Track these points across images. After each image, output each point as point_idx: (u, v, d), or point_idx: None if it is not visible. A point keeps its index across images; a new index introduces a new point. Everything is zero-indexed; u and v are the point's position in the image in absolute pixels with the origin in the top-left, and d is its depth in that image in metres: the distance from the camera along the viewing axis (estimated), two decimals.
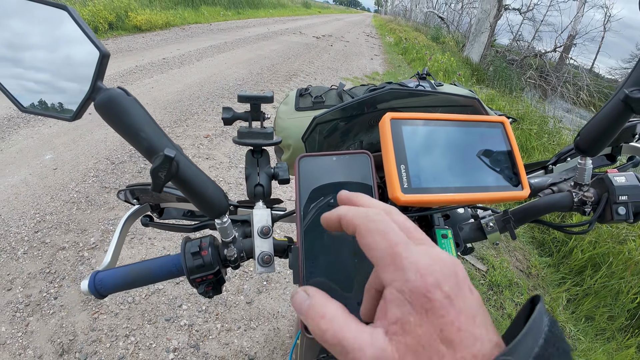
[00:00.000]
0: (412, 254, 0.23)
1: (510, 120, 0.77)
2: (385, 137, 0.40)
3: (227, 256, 0.50)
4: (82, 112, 0.38)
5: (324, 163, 0.39)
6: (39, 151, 2.93)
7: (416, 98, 0.56)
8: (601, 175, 0.58)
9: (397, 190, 0.38)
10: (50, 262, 1.96)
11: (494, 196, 0.42)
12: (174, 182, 0.39)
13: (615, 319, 2.25)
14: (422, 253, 0.23)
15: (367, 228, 0.25)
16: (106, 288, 0.50)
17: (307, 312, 0.25)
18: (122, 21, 7.90)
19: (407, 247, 0.23)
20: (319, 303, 0.26)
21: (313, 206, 0.37)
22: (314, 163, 0.39)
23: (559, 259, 2.71)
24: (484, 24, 11.12)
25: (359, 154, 0.39)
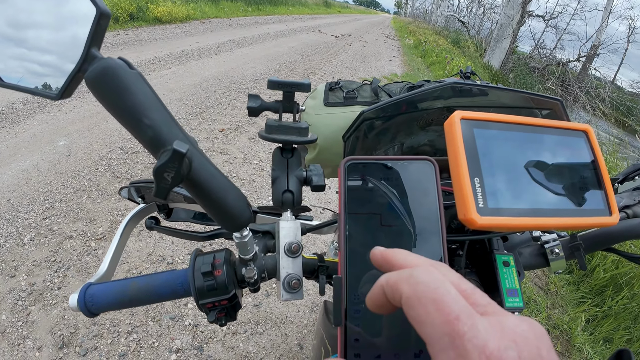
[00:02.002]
0: (478, 331, 0.16)
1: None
2: (455, 141, 0.32)
3: (246, 277, 0.41)
4: (71, 88, 0.30)
5: (376, 169, 0.31)
6: (53, 137, 2.91)
7: (474, 98, 0.47)
8: None
9: (471, 210, 0.30)
10: (56, 251, 1.93)
11: (581, 222, 0.33)
12: (184, 185, 0.30)
13: (633, 342, 2.13)
14: (491, 328, 0.16)
15: (415, 294, 0.18)
16: (98, 306, 0.41)
17: None
18: (143, 12, 7.92)
19: (470, 321, 0.16)
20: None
21: (359, 223, 0.29)
22: (362, 168, 0.31)
23: (580, 277, 2.59)
24: (507, 30, 10.88)
25: (421, 161, 0.31)
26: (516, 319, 0.18)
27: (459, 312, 0.17)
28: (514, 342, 0.16)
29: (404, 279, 0.20)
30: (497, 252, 0.46)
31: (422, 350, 0.26)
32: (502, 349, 0.16)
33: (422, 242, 0.29)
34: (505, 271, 0.44)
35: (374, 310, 0.23)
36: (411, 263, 0.22)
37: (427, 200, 0.30)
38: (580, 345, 2.06)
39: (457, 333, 0.16)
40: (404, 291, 0.19)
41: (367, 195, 0.30)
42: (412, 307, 0.19)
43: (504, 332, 0.17)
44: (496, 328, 0.17)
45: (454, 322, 0.17)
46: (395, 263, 0.22)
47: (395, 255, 0.23)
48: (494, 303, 0.19)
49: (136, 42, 6.22)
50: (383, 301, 0.21)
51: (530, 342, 0.17)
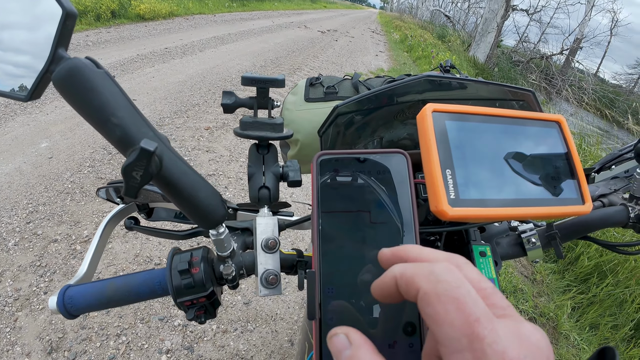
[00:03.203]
0: (499, 336, 0.16)
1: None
2: (427, 134, 0.32)
3: (224, 274, 0.41)
4: (40, 89, 0.29)
5: (349, 163, 0.31)
6: (35, 139, 2.85)
7: (452, 91, 0.47)
8: None
9: (442, 202, 0.30)
10: (41, 255, 1.89)
11: (554, 211, 0.34)
12: (156, 183, 0.30)
13: (619, 328, 2.19)
14: (510, 335, 0.16)
15: (435, 291, 0.18)
16: (77, 307, 0.41)
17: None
18: (125, 9, 7.78)
19: (491, 325, 0.16)
20: (364, 358, 0.20)
21: (334, 217, 0.29)
22: (335, 163, 0.31)
23: (565, 265, 2.64)
24: (491, 24, 10.98)
25: (393, 154, 0.31)
26: (531, 327, 0.17)
27: (480, 315, 0.17)
28: (531, 351, 0.16)
29: (423, 275, 0.19)
30: (474, 242, 0.46)
31: (396, 341, 0.26)
32: (521, 358, 0.16)
33: (396, 234, 0.29)
34: (482, 261, 0.45)
35: (378, 298, 0.22)
36: (428, 257, 0.21)
37: (401, 193, 0.30)
38: (566, 332, 2.11)
39: (477, 336, 0.16)
40: (422, 287, 0.19)
41: (340, 190, 0.30)
42: (431, 305, 0.18)
43: (521, 340, 0.17)
44: (514, 335, 0.17)
45: (474, 325, 0.16)
46: (409, 257, 0.22)
47: (409, 250, 0.22)
48: (511, 306, 0.19)
49: (118, 40, 6.11)
50: (392, 291, 0.21)
51: (543, 352, 0.17)
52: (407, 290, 0.20)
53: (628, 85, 17.85)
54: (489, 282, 0.19)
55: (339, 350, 0.21)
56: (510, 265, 2.49)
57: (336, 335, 0.22)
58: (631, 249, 0.53)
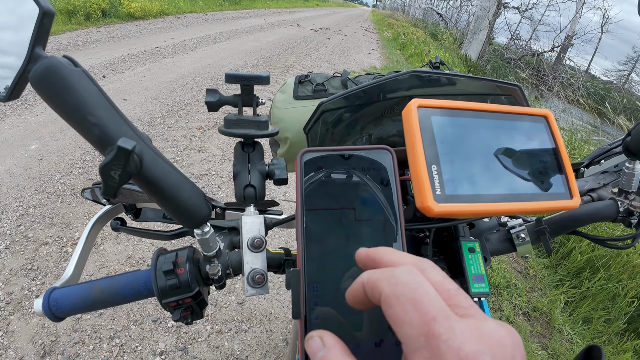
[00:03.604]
0: (455, 333, 0.16)
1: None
2: (412, 129, 0.32)
3: (210, 274, 0.41)
4: (18, 89, 0.29)
5: (334, 160, 0.30)
6: (25, 140, 2.82)
7: (441, 87, 0.47)
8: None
9: (428, 198, 0.30)
10: (32, 258, 1.87)
11: (542, 206, 0.34)
12: (137, 183, 0.30)
13: (612, 322, 2.21)
14: (468, 332, 0.16)
15: (394, 294, 0.18)
16: (62, 310, 0.41)
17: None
18: (116, 8, 7.70)
19: (448, 323, 0.17)
20: (334, 358, 0.21)
21: (319, 215, 0.29)
22: (320, 160, 0.30)
23: (557, 260, 2.66)
24: (483, 22, 11.04)
25: (378, 150, 0.31)
26: (495, 325, 0.18)
27: (436, 313, 0.17)
28: (490, 347, 0.16)
29: (384, 278, 0.20)
30: (463, 238, 0.46)
31: (383, 340, 0.26)
32: (477, 353, 0.16)
33: (381, 232, 0.29)
34: (471, 257, 0.45)
35: (353, 306, 0.23)
36: (396, 261, 0.22)
37: (387, 190, 0.30)
38: (560, 326, 2.13)
39: (433, 334, 0.17)
40: (383, 290, 0.19)
41: (325, 187, 0.30)
42: (391, 306, 0.19)
43: (481, 337, 0.17)
44: (474, 332, 0.17)
45: (430, 323, 0.17)
46: (380, 261, 0.22)
47: (380, 254, 0.23)
48: (475, 306, 0.19)
49: (109, 39, 6.05)
50: (362, 298, 0.21)
51: (507, 349, 0.17)
52: (373, 295, 0.20)
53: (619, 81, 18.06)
54: (452, 284, 0.20)
55: (314, 352, 0.22)
56: (504, 260, 2.51)
57: (311, 338, 0.23)
58: (621, 243, 0.54)
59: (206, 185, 2.61)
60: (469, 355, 0.16)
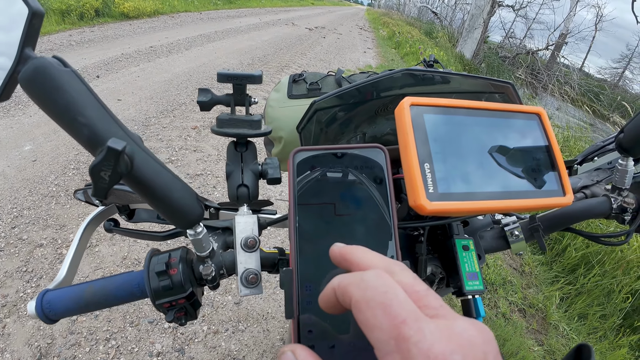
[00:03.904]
0: (424, 335, 0.16)
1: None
2: (404, 127, 0.32)
3: (203, 274, 0.41)
4: (8, 90, 0.29)
5: (326, 159, 0.30)
6: (18, 142, 2.79)
7: (435, 86, 0.47)
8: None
9: (421, 196, 0.29)
10: (27, 260, 1.86)
11: (535, 203, 0.34)
12: (128, 183, 0.30)
13: (607, 318, 2.23)
14: (438, 332, 0.16)
15: (364, 298, 0.18)
16: (56, 312, 0.40)
17: None
18: (109, 8, 7.64)
19: (417, 326, 0.17)
20: None
21: (312, 213, 0.29)
22: (313, 159, 0.30)
23: (552, 257, 2.68)
24: (477, 20, 11.07)
25: (371, 149, 0.31)
26: (466, 323, 0.18)
27: (406, 316, 0.17)
28: (460, 346, 0.16)
29: (354, 283, 0.20)
30: (457, 236, 0.46)
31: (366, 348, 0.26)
32: (447, 353, 0.16)
33: (374, 231, 0.29)
34: (465, 255, 0.45)
35: (326, 310, 0.23)
36: (367, 263, 0.22)
37: (380, 188, 0.30)
38: (555, 322, 2.14)
39: (403, 337, 0.17)
40: (353, 295, 0.19)
41: (317, 186, 0.29)
42: (361, 311, 0.19)
43: (451, 337, 0.17)
44: (444, 332, 0.17)
45: (400, 326, 0.17)
46: (352, 262, 0.22)
47: (353, 254, 0.23)
48: (446, 306, 0.19)
49: (102, 39, 6.01)
50: (334, 302, 0.21)
51: (477, 347, 0.17)
52: (344, 300, 0.20)
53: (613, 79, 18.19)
54: (422, 285, 0.20)
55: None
56: (499, 257, 2.52)
57: (283, 353, 0.22)
58: (614, 240, 0.54)
59: (202, 185, 2.60)
60: (439, 355, 0.16)
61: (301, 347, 0.22)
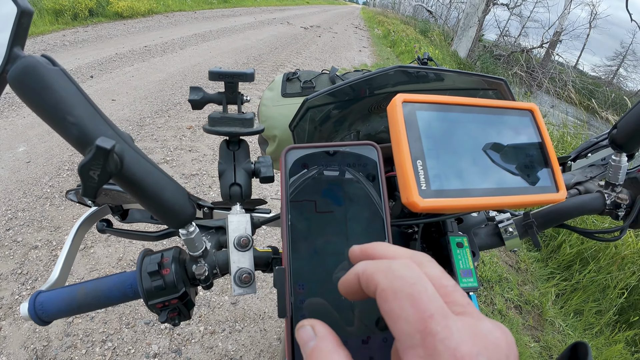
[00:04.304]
0: (452, 333, 0.16)
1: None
2: (397, 124, 0.31)
3: (196, 274, 0.41)
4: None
5: (319, 157, 0.30)
6: (12, 143, 2.77)
7: (429, 83, 0.47)
8: (634, 174, 0.51)
9: (413, 193, 0.29)
10: (22, 262, 1.84)
11: (528, 200, 0.34)
12: (118, 183, 0.30)
13: (603, 313, 2.24)
14: (465, 331, 0.16)
15: (391, 288, 0.18)
16: (48, 313, 0.40)
17: (311, 354, 0.21)
18: (103, 8, 7.59)
19: (444, 322, 0.16)
20: (326, 348, 0.21)
21: (304, 212, 0.29)
22: (305, 157, 0.30)
23: (548, 253, 2.69)
24: (472, 19, 11.10)
25: (363, 146, 0.30)
26: (491, 325, 0.17)
27: (434, 311, 0.17)
28: (486, 348, 0.16)
29: (381, 271, 0.19)
30: (451, 233, 0.46)
31: (370, 337, 0.26)
32: (473, 354, 0.16)
33: (368, 228, 0.29)
34: (459, 252, 0.45)
35: (345, 295, 0.22)
36: (392, 255, 0.21)
37: (373, 186, 0.30)
38: (551, 318, 2.15)
39: (430, 332, 0.16)
40: (379, 283, 0.19)
41: (310, 184, 0.29)
42: (387, 301, 0.18)
43: (477, 337, 0.16)
44: (470, 331, 0.16)
45: (427, 320, 0.16)
46: (375, 255, 0.22)
47: (375, 248, 0.22)
48: (472, 304, 0.19)
49: (96, 39, 5.97)
50: (356, 289, 0.21)
51: (501, 350, 0.16)
52: (368, 287, 0.20)
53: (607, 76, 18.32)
54: (450, 280, 0.19)
55: (305, 341, 0.22)
56: (495, 255, 2.53)
57: (302, 327, 0.22)
58: (609, 236, 0.54)
59: (197, 185, 2.60)
60: (465, 356, 0.15)
61: (321, 323, 0.22)
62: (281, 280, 0.26)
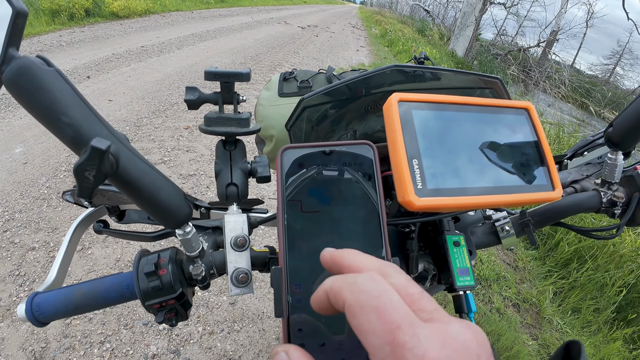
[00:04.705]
0: (419, 341, 0.16)
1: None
2: (393, 124, 0.31)
3: (193, 274, 0.40)
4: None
5: (315, 157, 0.30)
6: (9, 144, 2.76)
7: (426, 82, 0.47)
8: (630, 172, 0.51)
9: (409, 192, 0.29)
10: (19, 264, 1.84)
11: (524, 198, 0.34)
12: (114, 183, 0.29)
13: (601, 311, 2.25)
14: (433, 337, 0.16)
15: (357, 302, 0.18)
16: (45, 314, 0.40)
17: None
18: (99, 8, 7.56)
19: (412, 331, 0.16)
20: None
21: (301, 212, 0.29)
22: (302, 157, 0.30)
23: (545, 251, 2.70)
24: (470, 18, 11.12)
25: (359, 145, 0.31)
26: (460, 326, 0.18)
27: (401, 321, 0.17)
28: (455, 351, 0.16)
29: (347, 286, 0.19)
30: (448, 232, 0.46)
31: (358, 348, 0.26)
32: (442, 359, 0.16)
33: (365, 228, 0.29)
34: (456, 251, 0.45)
35: (319, 312, 0.23)
36: (359, 267, 0.21)
37: (369, 185, 0.30)
38: (549, 316, 2.16)
39: (398, 342, 0.16)
40: (346, 298, 0.19)
41: (307, 184, 0.29)
42: (355, 316, 0.18)
43: (445, 341, 0.17)
44: (438, 337, 0.17)
45: (395, 332, 0.17)
46: (343, 265, 0.22)
47: (344, 257, 0.22)
48: (440, 309, 0.19)
49: (93, 39, 5.95)
50: (326, 305, 0.21)
51: (472, 351, 0.17)
52: (337, 303, 0.20)
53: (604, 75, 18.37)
54: (417, 287, 0.20)
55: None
56: (493, 253, 2.53)
57: (277, 354, 0.22)
58: (605, 234, 0.54)
59: (195, 185, 2.59)
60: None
61: (294, 347, 0.22)
62: (278, 280, 0.26)
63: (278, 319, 1.75)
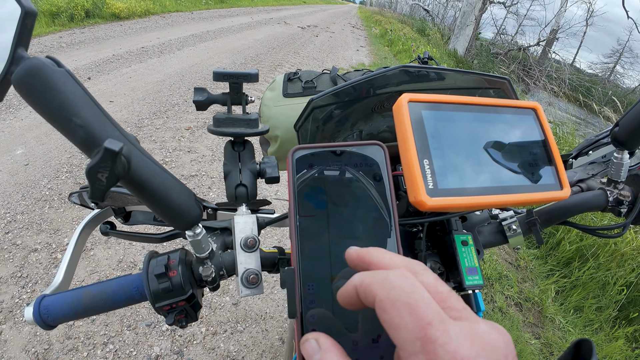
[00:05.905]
0: (450, 337, 0.16)
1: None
2: (403, 124, 0.31)
3: (203, 276, 0.40)
4: (1, 92, 0.28)
5: (326, 157, 0.30)
6: (10, 146, 2.76)
7: (431, 82, 0.47)
8: (636, 171, 0.51)
9: (421, 192, 0.30)
10: (22, 266, 1.84)
11: (533, 197, 0.34)
12: (125, 185, 0.29)
13: (603, 310, 2.25)
14: (463, 335, 0.17)
15: (389, 298, 0.18)
16: (53, 317, 0.40)
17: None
18: (100, 9, 7.57)
19: (443, 327, 0.17)
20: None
21: (311, 212, 0.29)
22: (312, 157, 0.30)
23: (547, 250, 2.70)
24: (469, 17, 11.12)
25: (370, 146, 0.31)
26: (487, 326, 0.18)
27: (432, 318, 0.17)
28: (484, 349, 0.17)
29: (378, 282, 0.20)
30: (456, 232, 0.47)
31: (380, 335, 0.26)
32: (472, 356, 0.16)
33: (375, 228, 0.29)
34: (464, 250, 0.45)
35: (345, 307, 0.23)
36: (387, 264, 0.22)
37: (379, 185, 0.30)
38: (552, 315, 2.16)
39: (430, 338, 0.17)
40: (377, 294, 0.19)
41: (317, 184, 0.29)
42: (386, 311, 0.19)
43: (475, 340, 0.17)
44: (468, 335, 0.17)
45: (426, 327, 0.17)
46: (371, 262, 0.22)
47: (371, 255, 0.23)
48: (468, 308, 0.19)
49: (93, 40, 5.95)
50: (355, 300, 0.21)
51: (499, 350, 0.17)
52: (366, 299, 0.20)
53: (604, 74, 18.36)
54: (445, 286, 0.20)
55: (310, 355, 0.22)
56: (495, 252, 2.53)
57: (307, 340, 0.23)
58: (611, 232, 0.54)
59: (197, 186, 2.59)
60: (465, 358, 0.16)
61: (324, 335, 0.23)
62: (290, 281, 0.26)
63: (281, 320, 1.75)
